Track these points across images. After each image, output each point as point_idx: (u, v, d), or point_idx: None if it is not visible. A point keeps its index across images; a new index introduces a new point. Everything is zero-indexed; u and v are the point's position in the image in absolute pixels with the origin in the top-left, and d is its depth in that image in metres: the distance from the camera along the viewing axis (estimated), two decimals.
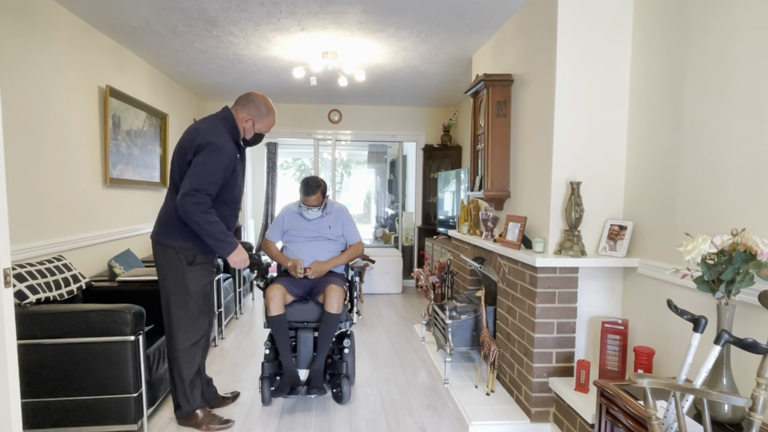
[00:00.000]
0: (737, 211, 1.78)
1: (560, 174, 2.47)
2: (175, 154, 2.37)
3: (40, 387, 2.20)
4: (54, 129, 2.88)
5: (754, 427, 1.38)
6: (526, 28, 2.84)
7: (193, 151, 2.25)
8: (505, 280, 2.82)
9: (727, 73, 1.84)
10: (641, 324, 2.34)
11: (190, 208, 2.18)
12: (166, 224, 2.35)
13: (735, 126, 1.80)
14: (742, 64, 1.77)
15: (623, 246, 2.38)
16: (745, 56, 1.76)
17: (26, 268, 2.36)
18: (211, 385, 2.72)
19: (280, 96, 5.60)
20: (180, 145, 2.33)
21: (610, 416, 1.85)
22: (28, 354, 2.18)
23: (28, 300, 2.23)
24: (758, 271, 1.51)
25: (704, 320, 1.52)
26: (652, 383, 1.43)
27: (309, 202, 2.94)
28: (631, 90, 2.44)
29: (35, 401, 2.21)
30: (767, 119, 1.66)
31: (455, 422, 2.61)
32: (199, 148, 2.24)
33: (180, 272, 2.34)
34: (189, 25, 3.29)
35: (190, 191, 2.19)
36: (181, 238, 2.32)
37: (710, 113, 1.92)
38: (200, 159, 2.23)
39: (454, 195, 5.17)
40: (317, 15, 3.12)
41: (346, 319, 2.89)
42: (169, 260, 2.34)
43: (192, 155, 2.25)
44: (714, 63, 1.90)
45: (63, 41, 2.96)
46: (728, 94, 1.83)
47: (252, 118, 2.44)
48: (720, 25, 1.87)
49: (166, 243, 2.33)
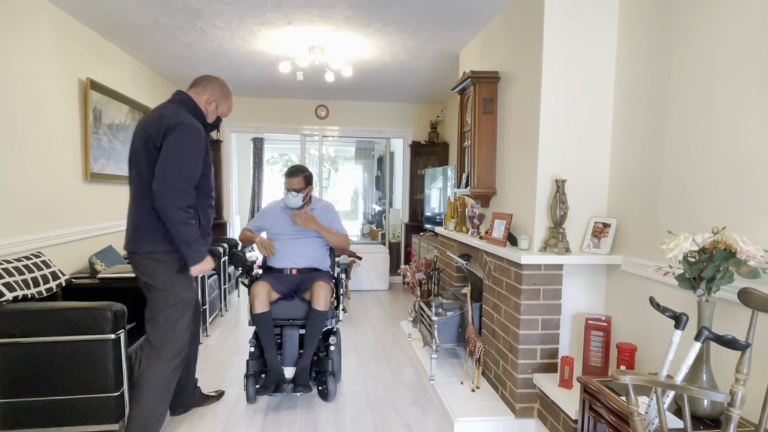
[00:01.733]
0: (718, 210, 1.81)
1: (546, 172, 2.48)
2: (139, 148, 2.06)
3: (19, 387, 2.15)
4: (32, 122, 2.80)
5: (732, 422, 1.40)
6: (513, 25, 2.84)
7: (161, 135, 1.99)
8: (491, 277, 2.83)
9: (709, 74, 1.86)
10: (624, 320, 2.37)
11: (170, 200, 1.96)
12: (145, 230, 2.07)
13: (717, 126, 1.82)
14: (724, 65, 1.79)
15: (607, 243, 2.41)
16: (728, 57, 1.78)
17: (3, 265, 2.29)
18: (196, 386, 2.66)
19: (266, 91, 5.54)
20: (144, 135, 2.03)
21: (593, 412, 1.87)
22: (6, 353, 2.12)
23: (4, 298, 2.17)
24: (738, 269, 1.53)
25: (685, 317, 1.54)
26: (634, 380, 1.45)
27: (291, 184, 2.93)
28: (615, 89, 2.46)
29: (14, 401, 2.16)
30: (748, 120, 1.69)
31: (441, 418, 2.62)
32: (168, 129, 1.99)
33: (168, 283, 2.10)
34: (172, 17, 3.23)
35: (170, 179, 1.96)
36: (165, 241, 2.07)
37: (693, 113, 1.94)
38: (171, 142, 1.98)
39: (440, 192, 5.18)
40: (303, 9, 3.08)
41: (332, 316, 2.88)
42: (155, 269, 2.08)
43: (159, 142, 2.00)
44: (697, 64, 1.92)
45: (41, 32, 2.87)
46: (711, 95, 1.85)
47: (216, 99, 2.26)
48: (703, 26, 1.89)
49: (150, 250, 2.07)
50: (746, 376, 1.40)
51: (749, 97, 1.68)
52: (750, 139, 1.68)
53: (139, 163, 2.07)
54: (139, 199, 2.09)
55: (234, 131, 6.07)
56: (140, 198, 2.08)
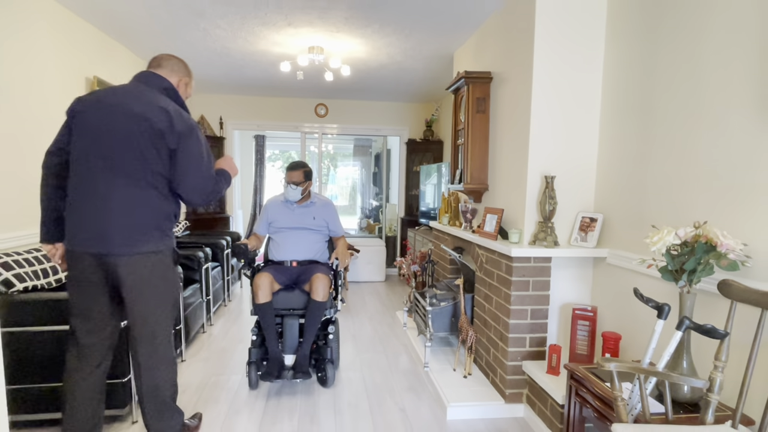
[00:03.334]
0: (700, 205, 1.81)
1: (536, 168, 2.48)
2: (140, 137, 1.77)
3: (29, 373, 2.15)
4: (40, 119, 2.78)
5: (710, 407, 1.42)
6: (505, 27, 2.83)
7: (175, 138, 1.81)
8: (483, 269, 2.83)
9: (694, 78, 1.86)
10: (609, 311, 2.38)
11: (211, 194, 1.94)
12: (147, 229, 1.84)
13: (701, 126, 1.82)
14: (708, 69, 1.79)
15: (594, 237, 2.41)
16: (712, 61, 1.78)
17: (13, 256, 2.28)
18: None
19: (268, 89, 5.50)
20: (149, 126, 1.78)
21: (579, 397, 1.88)
22: (16, 341, 2.12)
23: (15, 288, 2.16)
24: (718, 262, 1.54)
25: (667, 307, 1.54)
26: (618, 367, 1.46)
27: (291, 177, 2.93)
28: (603, 91, 2.46)
29: (24, 387, 2.15)
30: (730, 121, 1.69)
31: (434, 404, 2.63)
32: (183, 134, 1.83)
33: (170, 278, 1.97)
34: (176, 17, 3.19)
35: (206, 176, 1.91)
36: (165, 240, 1.91)
37: (677, 114, 1.94)
38: (193, 145, 1.85)
39: (435, 188, 5.17)
40: (304, 10, 3.06)
41: (330, 307, 2.88)
42: (159, 267, 1.90)
43: (174, 144, 1.82)
44: (682, 68, 1.92)
45: (48, 31, 2.84)
46: (695, 97, 1.85)
47: (185, 80, 2.06)
48: (688, 33, 1.89)
49: (152, 249, 1.86)
50: (724, 363, 1.42)
51: (731, 100, 1.68)
52: (731, 139, 1.68)
53: (145, 156, 1.79)
54: (139, 192, 1.81)
55: (237, 128, 6.04)
56: (143, 193, 1.82)
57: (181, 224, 4.85)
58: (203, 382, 2.86)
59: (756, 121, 1.58)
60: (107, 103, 1.81)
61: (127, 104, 1.80)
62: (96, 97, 1.84)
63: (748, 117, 1.61)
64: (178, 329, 3.05)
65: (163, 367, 1.97)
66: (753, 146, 1.59)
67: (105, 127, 1.78)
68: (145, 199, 1.82)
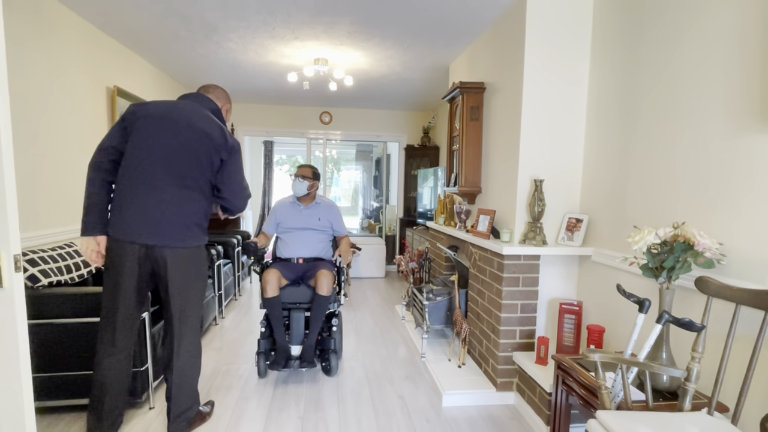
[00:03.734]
0: (679, 207, 1.82)
1: (525, 172, 2.48)
2: (198, 148, 1.91)
3: (52, 363, 2.15)
4: (63, 125, 2.78)
5: (688, 395, 1.42)
6: (497, 41, 2.83)
7: (227, 152, 1.99)
8: (476, 266, 2.83)
9: (673, 87, 1.86)
10: (594, 305, 2.39)
11: (245, 204, 2.14)
12: (194, 225, 1.95)
13: (679, 134, 1.83)
14: (686, 80, 1.80)
15: (579, 236, 2.41)
16: (690, 72, 1.78)
17: (39, 253, 2.28)
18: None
19: (276, 98, 5.51)
20: (208, 140, 1.93)
21: (566, 386, 1.88)
22: (41, 333, 2.12)
23: (40, 283, 2.16)
24: (695, 260, 1.54)
25: (648, 302, 1.55)
26: (602, 357, 1.46)
27: (300, 172, 2.96)
28: (589, 99, 2.46)
29: (49, 375, 2.16)
30: (707, 128, 1.69)
31: (430, 391, 2.63)
32: (233, 150, 2.02)
33: (204, 273, 2.08)
34: (191, 31, 3.20)
35: (246, 197, 2.13)
36: (205, 236, 2.04)
37: (658, 122, 1.95)
38: (238, 161, 2.05)
39: (432, 190, 5.17)
40: (310, 25, 3.06)
41: (334, 301, 2.88)
42: (199, 261, 2.02)
43: (226, 156, 1.99)
44: (663, 78, 1.92)
45: (71, 43, 2.85)
46: (674, 105, 1.86)
47: (227, 108, 2.22)
48: (666, 48, 1.89)
49: (198, 245, 1.98)
50: (701, 354, 1.42)
51: (706, 110, 1.69)
52: (706, 145, 1.68)
53: (201, 163, 1.92)
54: (190, 193, 1.92)
55: (247, 135, 6.04)
56: (192, 194, 1.92)
57: None
58: (216, 370, 2.86)
59: (728, 130, 1.59)
60: (172, 115, 1.92)
61: (190, 119, 1.94)
62: (157, 107, 1.94)
63: (721, 126, 1.62)
64: None
65: (193, 353, 2.06)
66: (727, 152, 1.60)
67: (170, 135, 1.88)
68: (194, 200, 1.94)
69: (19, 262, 1.26)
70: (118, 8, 2.80)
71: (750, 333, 1.47)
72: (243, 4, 2.72)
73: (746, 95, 1.53)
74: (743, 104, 1.54)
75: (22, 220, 2.37)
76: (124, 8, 2.80)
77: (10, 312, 1.27)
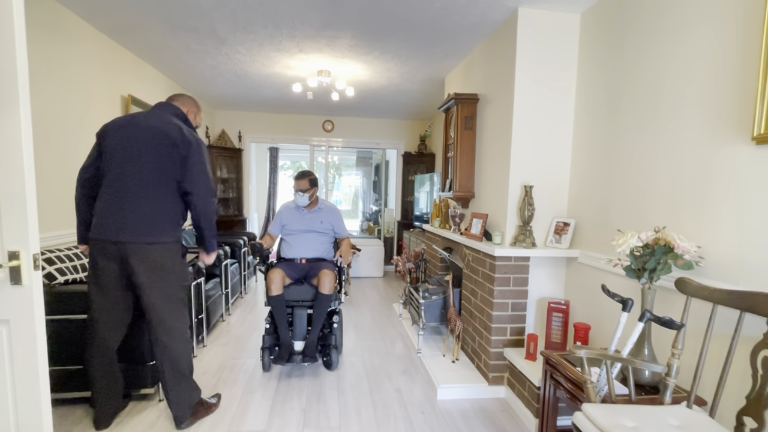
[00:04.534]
0: (660, 212, 1.83)
1: (516, 178, 2.49)
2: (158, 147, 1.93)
3: (68, 356, 2.15)
4: (81, 131, 2.78)
5: (668, 389, 1.43)
6: (490, 55, 2.85)
7: (186, 148, 1.96)
8: (469, 266, 2.84)
9: (654, 98, 1.88)
10: (580, 304, 2.39)
11: (212, 207, 2.05)
12: (160, 221, 1.95)
13: (660, 142, 1.84)
14: (666, 91, 1.81)
15: (567, 239, 2.42)
16: (669, 84, 1.80)
17: (56, 253, 2.28)
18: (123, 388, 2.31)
19: (281, 107, 5.52)
20: (166, 138, 1.93)
21: (554, 380, 1.89)
22: (57, 328, 2.12)
23: (57, 281, 2.16)
24: (675, 262, 1.55)
25: (631, 302, 1.55)
26: (588, 353, 1.47)
27: (299, 186, 2.94)
28: (575, 110, 2.48)
29: (65, 368, 2.15)
30: (685, 138, 1.70)
31: (426, 385, 2.63)
32: (193, 145, 1.98)
33: (178, 266, 2.04)
34: (201, 43, 3.21)
35: (212, 193, 2.04)
36: (175, 232, 2.02)
37: (640, 131, 1.96)
38: (199, 154, 1.99)
39: (428, 195, 5.18)
40: (313, 38, 3.07)
41: (335, 299, 2.88)
42: (168, 256, 1.99)
43: (185, 152, 1.96)
44: (644, 89, 1.94)
45: (88, 54, 2.85)
46: (655, 116, 1.87)
47: (194, 111, 2.18)
48: (648, 59, 1.91)
49: (164, 240, 1.97)
50: (680, 351, 1.43)
51: (686, 121, 1.70)
52: (687, 153, 1.70)
53: (162, 161, 1.94)
54: (155, 191, 1.94)
55: (253, 141, 6.04)
56: (157, 190, 1.94)
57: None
58: (222, 364, 2.85)
59: (705, 140, 1.60)
60: (133, 123, 1.98)
61: (149, 123, 1.97)
62: (121, 120, 2.01)
63: (699, 136, 1.63)
64: (201, 318, 3.05)
65: (178, 343, 2.05)
66: (704, 161, 1.61)
67: (132, 141, 1.94)
68: (160, 198, 1.95)
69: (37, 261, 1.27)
70: (134, 22, 2.81)
71: (726, 331, 1.47)
72: (251, 18, 2.74)
73: (720, 108, 1.54)
74: (718, 116, 1.56)
75: (41, 221, 2.37)
76: (139, 22, 2.81)
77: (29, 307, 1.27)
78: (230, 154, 5.69)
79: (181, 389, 2.06)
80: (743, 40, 1.48)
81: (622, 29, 2.08)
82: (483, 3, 2.40)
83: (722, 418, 1.47)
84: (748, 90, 1.45)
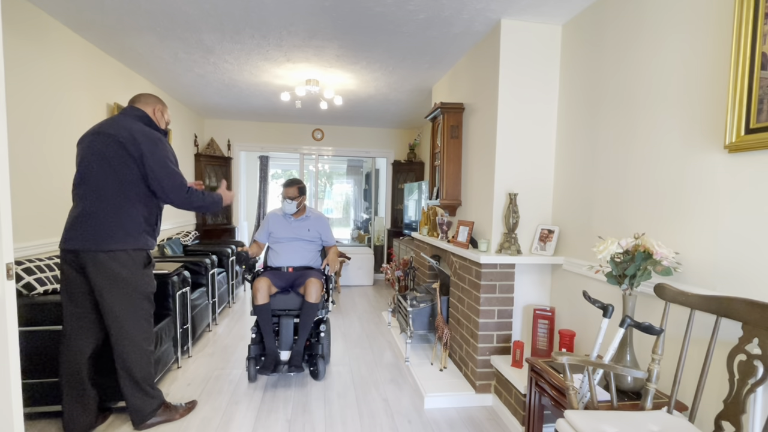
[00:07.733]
0: (639, 219, 1.85)
1: (501, 186, 2.51)
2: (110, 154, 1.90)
3: (47, 368, 2.09)
4: (65, 140, 2.74)
5: (649, 394, 1.43)
6: (475, 65, 2.89)
7: (137, 148, 1.91)
8: (456, 274, 2.84)
9: (632, 108, 1.92)
10: (565, 311, 2.40)
11: (190, 197, 2.04)
12: (115, 230, 1.91)
13: (638, 151, 1.87)
14: (643, 101, 1.85)
15: (551, 246, 2.44)
16: (646, 95, 1.83)
17: (35, 262, 2.23)
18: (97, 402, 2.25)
19: (270, 116, 5.51)
20: (115, 143, 1.91)
21: (539, 387, 1.88)
22: (35, 339, 2.06)
23: (36, 291, 2.11)
24: (654, 268, 1.57)
25: (611, 307, 1.57)
26: (570, 360, 1.47)
27: (287, 194, 2.93)
28: (558, 120, 2.52)
29: (40, 381, 2.09)
30: (662, 146, 1.74)
31: (413, 394, 2.61)
32: (143, 145, 1.92)
33: (139, 275, 1.99)
34: (189, 52, 3.20)
35: (180, 186, 1.99)
36: (136, 241, 1.97)
37: (619, 140, 1.99)
38: (153, 156, 1.93)
39: (417, 203, 5.20)
40: (300, 48, 3.09)
41: (322, 308, 2.86)
42: (127, 265, 1.94)
43: (137, 152, 1.92)
44: (623, 100, 1.98)
45: (74, 62, 2.83)
46: (633, 125, 1.91)
47: (160, 108, 2.12)
48: (626, 72, 1.95)
49: (121, 248, 1.92)
50: (660, 356, 1.44)
51: (664, 128, 1.74)
52: (664, 160, 1.73)
53: (112, 166, 1.91)
54: (112, 199, 1.91)
55: (243, 150, 6.02)
56: (114, 198, 1.92)
57: (191, 234, 4.79)
58: (208, 375, 2.80)
59: (682, 148, 1.63)
60: (93, 131, 1.99)
61: (104, 129, 1.97)
62: (91, 129, 2.02)
63: (676, 144, 1.67)
64: (186, 328, 3.00)
65: (134, 352, 2.03)
66: (680, 171, 1.64)
67: (88, 148, 1.96)
68: (117, 206, 1.93)
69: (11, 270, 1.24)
70: (121, 31, 2.80)
71: (704, 336, 1.49)
72: (237, 28, 2.74)
73: (695, 117, 1.58)
74: (692, 126, 1.59)
75: (22, 230, 2.32)
76: (126, 31, 2.80)
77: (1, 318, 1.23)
78: (219, 162, 5.65)
79: (135, 397, 2.07)
80: (714, 49, 1.52)
81: (601, 41, 2.13)
82: (466, 15, 2.43)
83: (702, 423, 1.48)
84: (719, 99, 1.49)
